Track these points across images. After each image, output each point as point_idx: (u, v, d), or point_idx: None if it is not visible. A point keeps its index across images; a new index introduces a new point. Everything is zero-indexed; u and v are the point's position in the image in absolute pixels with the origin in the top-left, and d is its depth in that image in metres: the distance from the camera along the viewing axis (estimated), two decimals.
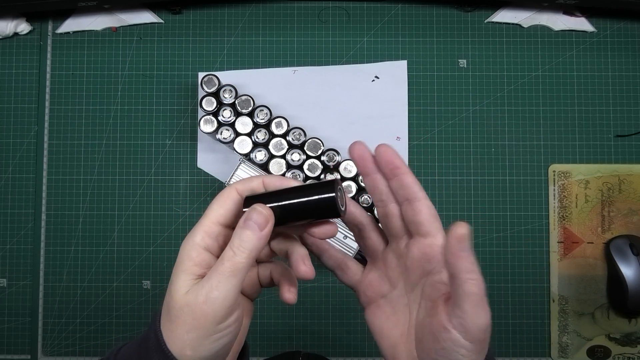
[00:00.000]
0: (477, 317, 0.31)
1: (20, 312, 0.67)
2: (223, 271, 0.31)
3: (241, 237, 0.32)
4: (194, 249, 0.33)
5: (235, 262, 0.32)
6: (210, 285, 0.31)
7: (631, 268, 0.63)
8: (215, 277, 0.31)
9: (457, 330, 0.32)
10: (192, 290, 0.32)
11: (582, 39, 0.68)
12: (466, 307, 0.31)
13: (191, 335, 0.31)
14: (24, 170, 0.68)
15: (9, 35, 0.68)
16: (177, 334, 0.31)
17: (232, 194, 0.35)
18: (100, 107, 0.68)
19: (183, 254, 0.33)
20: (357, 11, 0.69)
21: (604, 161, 0.67)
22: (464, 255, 0.31)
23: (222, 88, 0.63)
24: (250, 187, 0.35)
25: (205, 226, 0.34)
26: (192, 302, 0.31)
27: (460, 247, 0.31)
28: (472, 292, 0.31)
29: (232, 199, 0.34)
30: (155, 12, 0.69)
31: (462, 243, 0.31)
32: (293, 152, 0.63)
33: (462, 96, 0.68)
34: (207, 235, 0.33)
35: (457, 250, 0.31)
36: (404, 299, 0.37)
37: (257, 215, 0.33)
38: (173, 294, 0.32)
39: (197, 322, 0.31)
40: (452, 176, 0.68)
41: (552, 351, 0.66)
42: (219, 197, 0.35)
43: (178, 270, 0.33)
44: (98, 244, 0.67)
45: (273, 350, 0.67)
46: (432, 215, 0.35)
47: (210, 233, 0.34)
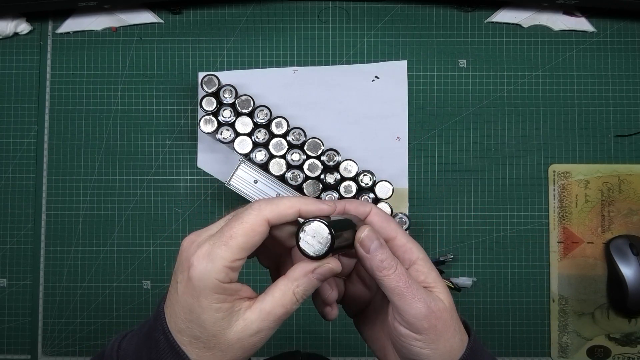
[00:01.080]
0: (409, 307, 0.32)
1: (20, 312, 0.67)
2: (282, 318, 0.32)
3: (307, 288, 0.32)
4: (220, 287, 0.30)
5: (293, 309, 0.32)
6: (268, 327, 0.32)
7: (631, 268, 0.63)
8: (274, 321, 0.32)
9: (402, 326, 0.33)
10: (243, 328, 0.31)
11: (582, 39, 0.68)
12: (395, 300, 0.33)
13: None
14: (24, 170, 0.68)
15: (9, 35, 0.68)
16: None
17: (262, 228, 0.31)
18: (100, 107, 0.68)
19: (207, 292, 0.30)
20: (357, 11, 0.69)
21: (604, 161, 0.67)
22: (371, 255, 0.32)
23: (222, 88, 0.63)
24: (284, 218, 0.32)
25: (229, 262, 0.30)
26: (246, 341, 0.31)
27: (365, 249, 0.32)
28: (392, 286, 0.32)
29: (261, 234, 0.31)
30: (155, 12, 0.69)
31: (365, 245, 0.32)
32: (293, 152, 0.63)
33: (462, 96, 0.68)
34: (231, 271, 0.31)
35: (363, 254, 0.33)
36: (385, 301, 0.37)
37: (329, 274, 0.33)
38: (216, 334, 0.31)
39: (246, 353, 0.32)
40: (452, 176, 0.68)
41: (552, 351, 0.66)
42: (246, 227, 0.31)
43: (208, 309, 0.30)
44: (98, 244, 0.67)
45: (273, 350, 0.67)
46: (384, 221, 0.36)
47: (235, 268, 0.31)
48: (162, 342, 0.32)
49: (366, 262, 0.33)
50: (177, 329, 0.31)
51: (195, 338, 0.31)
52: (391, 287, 0.32)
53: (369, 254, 0.33)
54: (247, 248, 0.31)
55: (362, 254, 0.33)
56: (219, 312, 0.31)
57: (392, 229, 0.36)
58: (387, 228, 0.36)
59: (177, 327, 0.31)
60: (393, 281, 0.32)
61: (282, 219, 0.32)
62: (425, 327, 0.32)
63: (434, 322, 0.33)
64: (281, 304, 0.32)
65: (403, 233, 0.36)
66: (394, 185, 0.64)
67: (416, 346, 0.33)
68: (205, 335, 0.31)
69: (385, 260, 0.33)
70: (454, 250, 0.67)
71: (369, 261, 0.33)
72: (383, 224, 0.36)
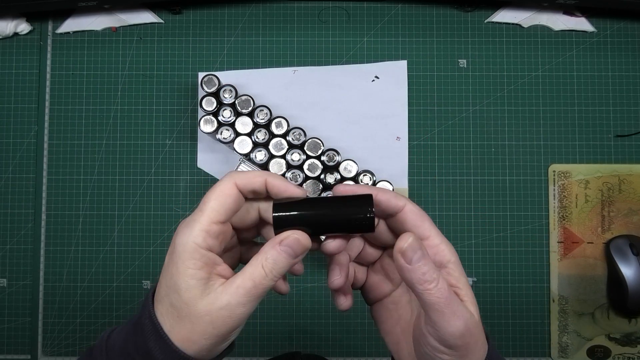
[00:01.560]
0: (447, 324, 0.31)
1: (20, 312, 0.67)
2: (254, 293, 0.32)
3: (276, 260, 0.32)
4: (197, 252, 0.32)
5: (265, 284, 0.32)
6: (237, 302, 0.31)
7: (631, 268, 0.63)
8: (244, 296, 0.31)
9: (433, 337, 0.31)
10: (213, 301, 0.31)
11: (582, 39, 0.68)
12: (432, 316, 0.31)
13: (210, 341, 0.32)
14: (24, 170, 0.68)
15: (9, 35, 0.68)
16: (194, 340, 0.32)
17: (232, 190, 0.33)
18: (100, 107, 0.68)
19: (186, 256, 0.32)
20: (357, 11, 0.69)
21: (604, 161, 0.67)
22: (413, 267, 0.30)
23: (222, 88, 0.63)
24: (252, 184, 0.34)
25: (205, 225, 0.32)
26: (215, 313, 0.31)
27: (407, 260, 0.31)
28: (432, 302, 0.30)
29: (233, 197, 0.33)
30: (155, 12, 0.69)
31: (407, 256, 0.31)
32: (293, 152, 0.63)
33: (462, 96, 0.68)
34: (208, 236, 0.32)
35: (403, 264, 0.31)
36: (406, 297, 0.37)
37: (297, 245, 0.32)
38: (188, 302, 0.31)
39: (217, 331, 0.31)
40: (452, 176, 0.68)
41: (552, 351, 0.66)
42: (217, 192, 0.33)
43: (185, 276, 0.31)
44: (98, 244, 0.67)
45: (273, 350, 0.67)
46: (418, 219, 0.34)
47: (212, 233, 0.32)
48: (147, 326, 0.32)
49: (406, 274, 0.31)
50: (158, 299, 0.33)
51: (171, 306, 0.32)
52: (431, 302, 0.31)
53: (410, 265, 0.31)
54: (221, 211, 0.33)
55: (403, 264, 0.31)
56: (194, 279, 0.31)
57: (427, 228, 0.34)
58: (421, 227, 0.34)
59: (159, 296, 0.33)
60: (434, 296, 0.30)
61: (249, 184, 0.34)
62: (459, 344, 0.31)
63: (467, 339, 0.31)
64: (250, 277, 0.32)
65: (437, 232, 0.34)
66: (394, 185, 0.64)
67: (442, 358, 0.32)
68: (178, 302, 0.31)
69: (427, 273, 0.31)
70: None
71: (409, 273, 0.31)
72: (417, 222, 0.34)
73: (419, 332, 0.33)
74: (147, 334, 0.32)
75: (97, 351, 0.34)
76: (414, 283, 0.31)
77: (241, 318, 0.32)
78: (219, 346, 0.33)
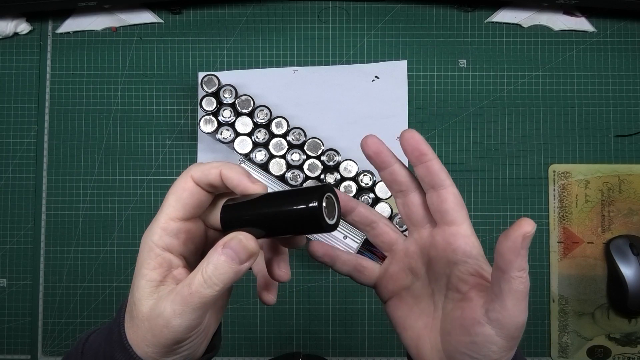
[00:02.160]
0: (517, 314, 0.30)
1: (20, 312, 0.67)
2: (190, 302, 0.29)
3: (217, 265, 0.29)
4: (152, 251, 0.30)
5: (203, 294, 0.29)
6: (173, 311, 0.29)
7: (631, 268, 0.63)
8: (180, 304, 0.29)
9: (491, 326, 0.31)
10: (154, 308, 0.29)
11: (582, 39, 0.68)
12: (509, 303, 0.30)
13: (151, 349, 0.30)
14: (24, 170, 0.68)
15: (9, 35, 0.68)
16: (138, 343, 0.30)
17: (188, 184, 0.31)
18: (100, 107, 0.68)
19: (142, 256, 0.31)
20: (357, 11, 0.69)
21: (604, 161, 0.67)
22: (523, 253, 0.30)
23: (222, 88, 0.63)
24: (207, 176, 0.31)
25: (163, 223, 0.31)
26: (153, 321, 0.29)
27: (523, 245, 0.30)
28: (519, 289, 0.30)
29: (189, 190, 0.31)
30: (155, 12, 0.69)
31: (526, 241, 0.30)
32: (293, 152, 0.63)
33: (462, 96, 0.68)
34: (165, 234, 0.31)
35: (519, 247, 0.29)
36: (427, 289, 0.36)
37: (240, 249, 0.29)
38: (136, 302, 0.30)
39: (157, 340, 0.29)
40: (452, 176, 0.67)
41: (552, 351, 0.66)
42: (174, 188, 0.31)
43: (137, 276, 0.30)
44: (98, 244, 0.67)
45: (273, 351, 0.67)
46: (458, 204, 0.34)
47: (169, 231, 0.31)
48: (115, 334, 0.32)
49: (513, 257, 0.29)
50: (126, 304, 0.32)
51: (130, 303, 0.31)
52: (517, 289, 0.30)
53: (524, 250, 0.29)
54: (178, 206, 0.31)
55: (517, 247, 0.29)
56: (144, 279, 0.30)
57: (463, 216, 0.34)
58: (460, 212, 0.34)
59: (127, 302, 0.32)
60: (522, 285, 0.30)
61: (205, 176, 0.31)
62: (515, 335, 0.31)
63: (521, 333, 0.32)
64: (187, 284, 0.29)
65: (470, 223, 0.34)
66: None
67: (491, 349, 0.31)
68: (132, 300, 0.31)
69: (525, 262, 0.30)
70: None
71: (518, 258, 0.29)
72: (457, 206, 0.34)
73: (466, 321, 0.32)
74: (114, 343, 0.31)
75: (73, 353, 0.34)
76: (513, 268, 0.30)
77: (179, 331, 0.29)
78: (168, 356, 0.30)
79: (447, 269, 0.34)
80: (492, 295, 0.31)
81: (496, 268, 0.30)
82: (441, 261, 0.34)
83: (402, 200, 0.36)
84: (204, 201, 0.32)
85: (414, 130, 0.34)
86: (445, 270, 0.34)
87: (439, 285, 0.35)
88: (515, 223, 0.30)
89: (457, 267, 0.34)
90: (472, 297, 0.33)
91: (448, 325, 0.34)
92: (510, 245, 0.29)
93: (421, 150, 0.34)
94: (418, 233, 0.36)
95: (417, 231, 0.36)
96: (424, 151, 0.34)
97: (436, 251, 0.35)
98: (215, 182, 0.31)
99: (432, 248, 0.35)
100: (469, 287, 0.33)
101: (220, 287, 0.29)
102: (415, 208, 0.35)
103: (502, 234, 0.30)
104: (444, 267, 0.34)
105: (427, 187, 0.34)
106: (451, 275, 0.34)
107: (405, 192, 0.35)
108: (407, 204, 0.36)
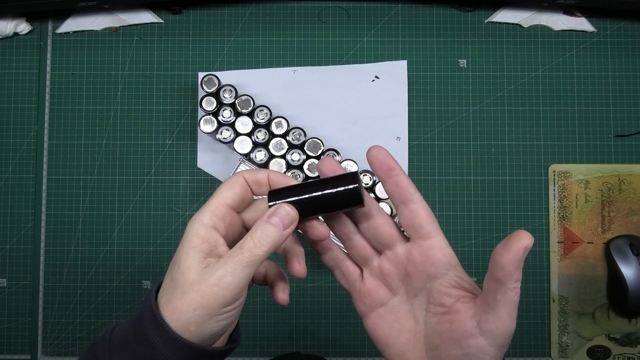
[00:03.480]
0: (510, 323, 0.31)
1: (20, 312, 0.67)
2: (241, 260, 0.32)
3: (264, 230, 0.33)
4: (202, 227, 0.33)
5: (254, 253, 0.32)
6: (225, 270, 0.32)
7: (631, 268, 0.63)
8: (231, 263, 0.32)
9: (484, 337, 0.32)
10: (205, 270, 0.32)
11: (582, 39, 0.68)
12: (504, 314, 0.31)
13: (197, 312, 0.32)
14: (24, 170, 0.68)
15: (9, 35, 0.68)
16: (182, 310, 0.32)
17: (240, 180, 0.36)
18: (100, 107, 0.68)
19: (191, 233, 0.33)
20: (357, 11, 0.69)
21: (604, 161, 0.67)
22: (521, 265, 0.31)
23: (222, 88, 0.63)
24: (256, 179, 0.36)
25: (213, 207, 0.34)
26: (204, 282, 0.32)
27: (523, 257, 0.31)
28: (514, 300, 0.31)
29: (240, 184, 0.35)
30: (155, 12, 0.69)
31: (526, 253, 0.31)
32: (293, 152, 0.63)
33: (462, 96, 0.68)
34: (214, 215, 0.34)
35: (520, 259, 0.30)
36: (405, 305, 0.36)
37: (284, 214, 0.33)
38: (184, 270, 0.32)
39: (205, 302, 0.32)
40: (452, 176, 0.68)
41: (552, 351, 0.66)
42: (227, 181, 0.36)
43: (187, 248, 0.33)
44: (98, 244, 0.67)
45: (273, 351, 0.67)
46: (430, 217, 0.35)
47: (218, 213, 0.34)
48: (147, 315, 0.33)
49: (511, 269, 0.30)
50: (163, 286, 0.34)
51: (171, 279, 0.33)
52: (512, 300, 0.31)
53: (521, 262, 0.31)
54: (229, 194, 0.35)
55: (517, 260, 0.30)
56: (193, 250, 0.33)
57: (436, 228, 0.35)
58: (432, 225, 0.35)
59: (164, 282, 0.34)
60: (516, 296, 0.31)
61: (254, 176, 0.36)
62: (506, 344, 0.32)
63: (509, 341, 0.32)
64: (238, 247, 0.33)
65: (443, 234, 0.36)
66: None
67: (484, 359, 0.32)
68: (177, 273, 0.33)
69: (521, 272, 0.31)
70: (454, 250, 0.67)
71: (515, 269, 0.30)
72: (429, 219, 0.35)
73: (457, 334, 0.32)
74: (146, 322, 0.32)
75: (100, 341, 0.35)
76: (511, 279, 0.31)
77: (229, 289, 0.32)
78: (209, 324, 0.32)
79: (426, 283, 0.35)
80: (484, 307, 0.32)
81: (492, 279, 0.31)
82: (420, 276, 0.35)
83: (365, 224, 0.36)
84: (248, 198, 0.36)
85: (380, 146, 0.35)
86: (425, 284, 0.35)
87: (419, 300, 0.35)
88: (514, 235, 0.30)
89: (437, 280, 0.34)
90: (459, 310, 0.33)
91: (435, 339, 0.34)
92: (512, 257, 0.30)
93: (389, 165, 0.35)
94: (391, 251, 0.36)
95: (390, 249, 0.36)
96: (392, 166, 0.35)
97: (414, 266, 0.35)
98: (262, 182, 0.36)
99: (410, 264, 0.35)
100: (453, 299, 0.34)
101: (267, 248, 0.33)
102: (381, 228, 0.36)
103: (502, 247, 0.31)
104: (424, 282, 0.35)
105: (398, 202, 0.35)
106: (432, 289, 0.35)
107: (368, 215, 0.36)
108: (371, 225, 0.36)
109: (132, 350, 0.33)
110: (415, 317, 0.36)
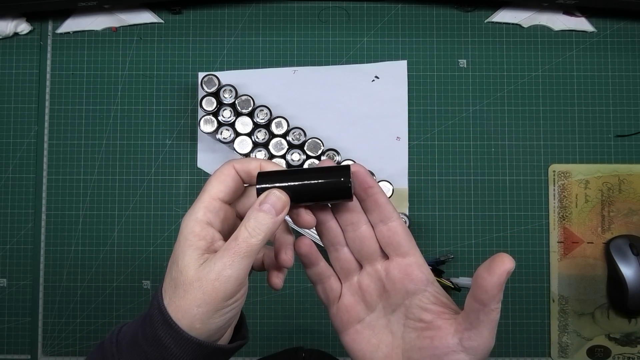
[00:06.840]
0: (491, 340, 0.32)
1: (20, 312, 0.67)
2: (238, 251, 0.32)
3: (257, 219, 0.33)
4: (198, 224, 0.33)
5: (250, 243, 0.32)
6: (223, 264, 0.32)
7: (631, 268, 0.63)
8: (228, 256, 0.32)
9: (466, 353, 0.33)
10: (204, 266, 0.32)
11: (582, 39, 0.69)
12: (485, 332, 0.32)
13: (201, 309, 0.32)
14: (24, 170, 0.68)
15: (9, 35, 0.68)
16: (186, 309, 0.32)
17: (230, 171, 0.35)
18: (100, 107, 0.68)
19: (187, 231, 0.33)
20: (357, 11, 0.69)
21: (604, 161, 0.67)
22: (502, 288, 0.31)
23: (222, 88, 0.63)
24: (247, 168, 0.35)
25: (205, 202, 0.34)
26: (204, 278, 0.32)
27: (504, 281, 0.31)
28: (495, 319, 0.32)
29: (231, 176, 0.35)
30: (155, 12, 0.69)
31: (507, 277, 0.31)
32: (293, 152, 0.63)
33: (462, 96, 0.68)
34: (208, 211, 0.34)
35: (502, 283, 0.31)
36: (382, 321, 0.37)
37: (276, 200, 0.33)
38: (182, 269, 0.32)
39: (208, 297, 0.32)
40: (452, 176, 0.68)
41: (552, 351, 0.66)
42: (217, 174, 0.35)
43: (184, 246, 0.33)
44: (98, 244, 0.67)
45: (273, 350, 0.67)
46: (408, 234, 0.36)
47: (211, 208, 0.34)
48: (156, 316, 0.33)
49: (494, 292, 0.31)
50: (164, 286, 0.34)
51: (171, 279, 0.33)
52: (494, 319, 0.32)
53: (503, 285, 0.31)
54: (221, 188, 0.35)
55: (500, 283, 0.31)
56: (190, 248, 0.33)
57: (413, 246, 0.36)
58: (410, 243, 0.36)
59: (165, 282, 0.34)
60: (498, 314, 0.32)
61: (246, 167, 0.35)
62: (485, 358, 0.33)
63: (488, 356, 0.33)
64: (233, 239, 0.33)
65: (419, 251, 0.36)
66: (394, 185, 0.64)
67: None
68: (176, 272, 0.33)
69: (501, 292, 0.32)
70: (454, 250, 0.67)
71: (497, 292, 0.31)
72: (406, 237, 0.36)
73: (438, 350, 0.33)
74: (155, 323, 0.32)
75: (108, 343, 0.35)
76: (492, 300, 0.31)
77: (230, 282, 0.32)
78: (213, 319, 0.32)
79: (405, 299, 0.36)
80: (466, 325, 0.33)
81: (475, 300, 0.32)
82: (399, 293, 0.36)
83: (352, 234, 0.36)
84: (240, 189, 0.36)
85: (359, 164, 0.35)
86: (404, 300, 0.36)
87: (396, 316, 0.36)
88: (496, 259, 0.31)
89: (416, 296, 0.35)
90: (440, 326, 0.34)
91: (415, 354, 0.34)
92: (495, 281, 0.31)
93: (368, 183, 0.35)
94: (371, 266, 0.37)
95: (370, 265, 0.37)
96: (371, 184, 0.35)
97: (393, 284, 0.36)
98: (254, 172, 0.35)
99: (388, 281, 0.36)
100: (433, 315, 0.34)
101: (262, 236, 0.33)
102: (367, 241, 0.36)
103: (485, 270, 0.31)
104: (402, 298, 0.36)
105: (376, 220, 0.36)
106: (410, 305, 0.35)
107: (355, 225, 0.36)
108: (357, 237, 0.36)
109: (144, 352, 0.33)
110: (393, 333, 0.36)
